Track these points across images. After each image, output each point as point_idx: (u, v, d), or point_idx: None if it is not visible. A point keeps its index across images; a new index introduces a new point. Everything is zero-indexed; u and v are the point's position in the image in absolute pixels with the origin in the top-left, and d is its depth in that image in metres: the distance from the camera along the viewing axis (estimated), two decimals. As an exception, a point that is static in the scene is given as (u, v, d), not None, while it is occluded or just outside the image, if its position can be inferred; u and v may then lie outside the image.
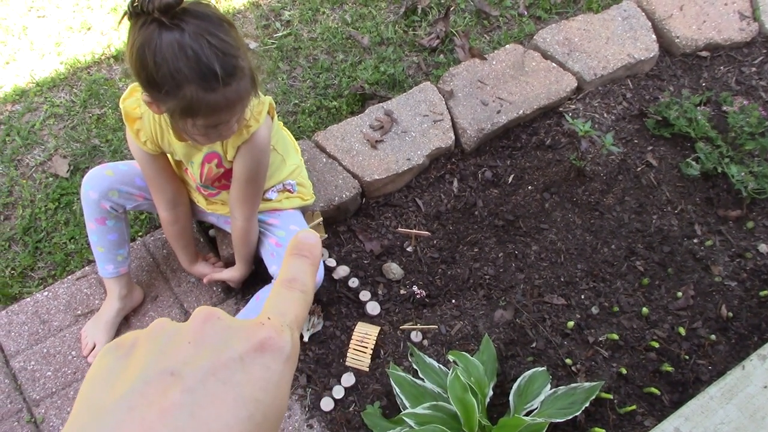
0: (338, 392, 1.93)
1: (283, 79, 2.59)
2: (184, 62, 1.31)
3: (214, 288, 2.10)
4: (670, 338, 2.02)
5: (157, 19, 1.28)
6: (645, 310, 2.05)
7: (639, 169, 2.37)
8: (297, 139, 2.34)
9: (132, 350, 0.42)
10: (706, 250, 2.19)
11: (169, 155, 1.78)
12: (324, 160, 2.26)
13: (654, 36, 2.64)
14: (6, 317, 2.04)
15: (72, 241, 2.19)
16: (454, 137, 2.35)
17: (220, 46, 1.33)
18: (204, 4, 1.34)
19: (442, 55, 2.68)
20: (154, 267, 2.14)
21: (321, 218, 2.13)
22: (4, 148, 2.40)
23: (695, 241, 2.22)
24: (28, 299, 2.07)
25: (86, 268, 2.13)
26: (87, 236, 1.97)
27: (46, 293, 2.08)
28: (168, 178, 1.83)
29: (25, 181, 2.32)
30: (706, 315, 2.06)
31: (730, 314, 2.05)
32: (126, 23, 1.34)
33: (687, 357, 1.98)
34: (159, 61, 1.31)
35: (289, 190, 2.01)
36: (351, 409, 1.92)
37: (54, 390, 1.93)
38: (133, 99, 1.64)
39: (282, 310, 0.46)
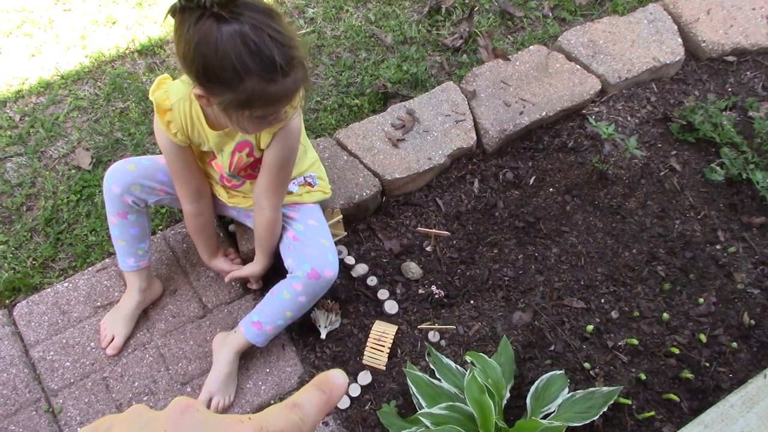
0: (354, 390, 1.93)
1: (305, 77, 2.59)
2: (247, 55, 1.32)
3: (233, 283, 2.11)
4: (691, 345, 2.00)
5: (215, 14, 1.28)
6: (665, 315, 2.03)
7: (662, 173, 2.35)
8: (318, 136, 2.35)
9: None
10: (729, 256, 2.17)
11: (194, 147, 1.79)
12: (345, 157, 2.26)
13: (680, 40, 2.61)
14: (26, 307, 2.05)
15: (93, 233, 2.20)
16: (475, 137, 2.34)
17: (278, 38, 1.34)
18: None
19: (465, 55, 2.67)
20: (174, 261, 2.15)
21: (341, 215, 2.13)
22: (28, 140, 2.42)
23: (718, 247, 2.19)
24: (49, 290, 2.08)
25: (106, 260, 2.14)
26: (108, 229, 1.98)
27: (66, 284, 2.09)
28: (194, 170, 1.84)
29: (48, 172, 2.34)
30: (727, 322, 2.04)
31: (752, 322, 2.03)
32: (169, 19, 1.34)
33: (707, 364, 1.96)
34: (221, 55, 1.32)
35: (310, 184, 2.01)
36: (367, 407, 1.91)
37: (72, 381, 1.94)
38: (162, 91, 1.65)
39: (271, 420, 0.46)
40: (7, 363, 1.96)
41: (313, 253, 1.84)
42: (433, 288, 2.08)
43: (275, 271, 2.05)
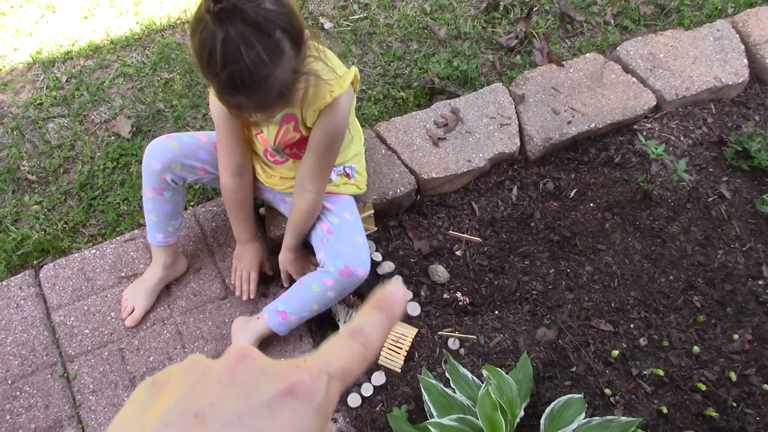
0: (367, 390, 1.90)
1: (353, 64, 2.55)
2: (212, 61, 1.35)
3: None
4: (719, 382, 1.92)
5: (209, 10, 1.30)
6: (696, 348, 1.96)
7: (710, 199, 2.25)
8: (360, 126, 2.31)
9: (164, 386, 0.41)
10: (771, 294, 2.08)
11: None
12: (383, 151, 2.22)
13: (746, 61, 2.50)
14: (53, 270, 2.07)
15: (125, 202, 2.21)
16: (519, 143, 2.28)
17: (250, 61, 1.34)
18: (268, 7, 1.34)
19: (518, 56, 2.60)
20: (202, 238, 2.14)
21: (372, 210, 2.09)
22: (72, 102, 2.43)
23: (760, 282, 2.10)
24: (76, 255, 2.09)
25: (135, 231, 2.14)
26: (141, 199, 1.98)
27: (94, 251, 2.10)
28: (240, 141, 1.83)
29: (87, 137, 2.35)
30: (761, 362, 1.95)
31: (788, 366, 1.94)
32: None
33: (734, 404, 1.88)
34: (197, 50, 1.37)
35: (348, 175, 1.99)
36: (378, 408, 1.89)
37: (89, 348, 1.95)
38: None
39: (330, 356, 0.44)
40: (28, 324, 1.98)
41: (347, 250, 1.81)
42: (458, 294, 2.04)
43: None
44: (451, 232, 2.12)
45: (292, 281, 2.01)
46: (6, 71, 2.53)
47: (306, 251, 2.05)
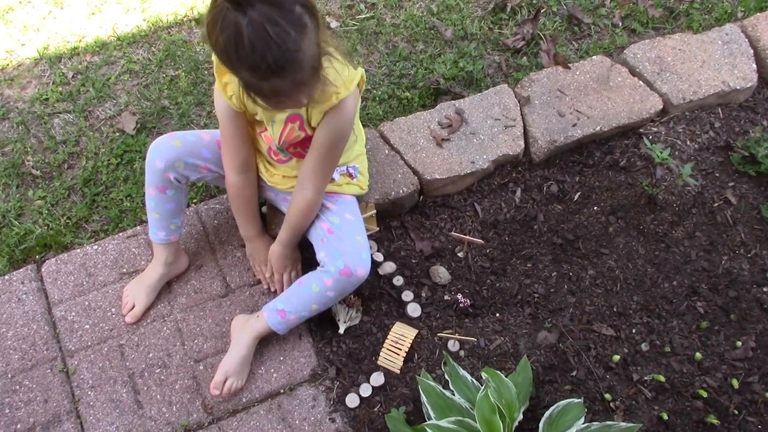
0: (365, 390, 1.90)
1: (359, 63, 2.55)
2: (240, 49, 1.32)
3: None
4: (721, 389, 1.90)
5: None
6: (698, 354, 1.94)
7: (716, 204, 2.23)
8: (363, 126, 2.30)
9: None
10: (776, 301, 2.06)
11: (248, 115, 1.78)
12: (386, 151, 2.21)
13: (754, 65, 2.47)
14: (55, 265, 2.08)
15: (128, 198, 2.22)
16: (523, 145, 2.27)
17: (279, 38, 1.31)
18: None
19: (525, 58, 2.59)
20: (203, 236, 2.15)
21: (374, 210, 2.09)
22: (78, 98, 2.44)
23: (765, 289, 2.08)
24: (78, 250, 2.10)
25: (138, 227, 2.15)
26: (143, 196, 1.98)
27: (96, 247, 2.11)
28: (245, 139, 1.83)
29: (92, 133, 2.36)
30: (764, 370, 1.94)
31: (791, 374, 1.93)
32: None
33: (736, 412, 1.86)
34: (220, 41, 1.33)
35: (350, 175, 1.99)
36: (376, 409, 1.88)
37: (89, 344, 1.96)
38: None
39: None
40: (29, 318, 1.99)
41: (348, 250, 1.81)
42: (459, 296, 2.03)
43: (302, 261, 2.04)
44: (453, 233, 2.11)
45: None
46: (13, 66, 2.55)
47: (297, 254, 2.05)
